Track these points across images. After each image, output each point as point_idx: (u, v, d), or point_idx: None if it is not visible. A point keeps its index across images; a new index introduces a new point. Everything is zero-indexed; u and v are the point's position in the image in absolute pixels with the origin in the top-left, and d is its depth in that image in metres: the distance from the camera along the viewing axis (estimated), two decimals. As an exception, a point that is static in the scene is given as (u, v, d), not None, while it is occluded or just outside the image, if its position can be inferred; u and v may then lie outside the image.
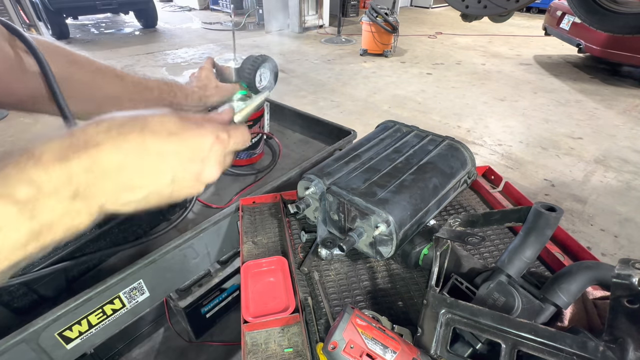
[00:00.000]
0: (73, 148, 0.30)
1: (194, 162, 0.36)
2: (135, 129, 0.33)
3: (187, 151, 0.36)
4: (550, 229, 0.57)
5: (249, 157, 1.18)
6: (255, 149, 1.17)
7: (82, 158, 0.30)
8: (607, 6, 1.63)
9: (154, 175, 0.34)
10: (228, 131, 0.40)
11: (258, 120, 1.11)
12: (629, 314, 0.42)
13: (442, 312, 0.55)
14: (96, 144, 0.31)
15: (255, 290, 0.72)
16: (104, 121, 0.33)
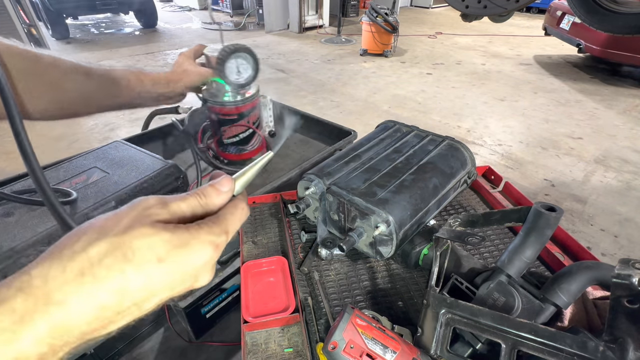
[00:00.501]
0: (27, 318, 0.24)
1: (185, 283, 0.31)
2: (115, 268, 0.27)
3: (179, 276, 0.30)
4: (550, 229, 0.57)
5: (238, 152, 1.11)
6: (245, 145, 1.11)
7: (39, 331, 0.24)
8: (607, 6, 1.63)
9: (135, 309, 0.29)
10: (226, 228, 0.33)
11: (245, 115, 1.04)
12: (629, 314, 0.42)
13: (442, 312, 0.55)
14: (60, 302, 0.25)
15: (255, 290, 0.72)
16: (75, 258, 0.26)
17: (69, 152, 1.06)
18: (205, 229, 0.32)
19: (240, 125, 1.06)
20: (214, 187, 0.35)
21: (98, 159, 0.98)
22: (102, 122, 3.43)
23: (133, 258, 0.28)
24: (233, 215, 0.34)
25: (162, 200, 0.32)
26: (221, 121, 1.03)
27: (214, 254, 0.32)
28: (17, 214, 0.78)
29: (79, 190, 0.85)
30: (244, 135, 1.08)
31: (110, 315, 0.28)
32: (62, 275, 0.25)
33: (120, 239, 0.28)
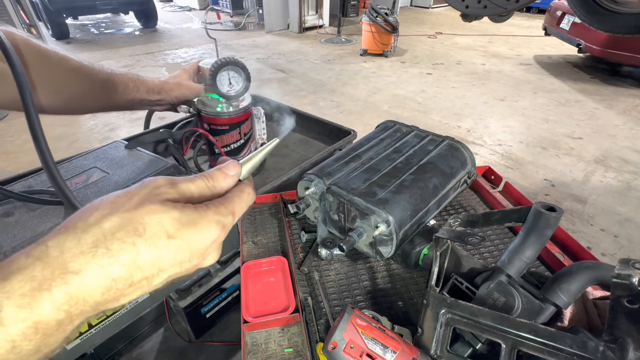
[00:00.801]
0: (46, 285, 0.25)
1: (193, 260, 0.32)
2: (127, 241, 0.28)
3: (187, 253, 0.31)
4: (550, 229, 0.57)
5: None
6: (236, 156, 1.11)
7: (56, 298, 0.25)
8: (607, 6, 1.63)
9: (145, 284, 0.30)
10: (233, 210, 0.34)
11: (237, 126, 1.06)
12: (629, 314, 0.42)
13: (442, 312, 0.55)
14: (76, 272, 0.26)
15: (255, 290, 0.72)
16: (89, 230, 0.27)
17: (69, 152, 1.07)
18: (212, 209, 0.33)
19: (234, 135, 1.08)
20: (221, 170, 0.36)
21: (98, 159, 0.97)
22: (102, 122, 3.43)
23: (144, 233, 0.29)
24: (240, 198, 0.36)
25: (172, 180, 0.33)
26: (213, 131, 1.05)
27: (221, 234, 0.33)
28: (17, 213, 0.77)
29: (79, 190, 0.85)
30: (235, 146, 1.10)
31: (122, 288, 0.28)
32: (77, 246, 0.27)
33: (131, 214, 0.29)
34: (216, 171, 0.36)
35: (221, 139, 1.06)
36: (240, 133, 1.08)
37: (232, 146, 1.09)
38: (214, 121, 1.03)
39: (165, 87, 0.91)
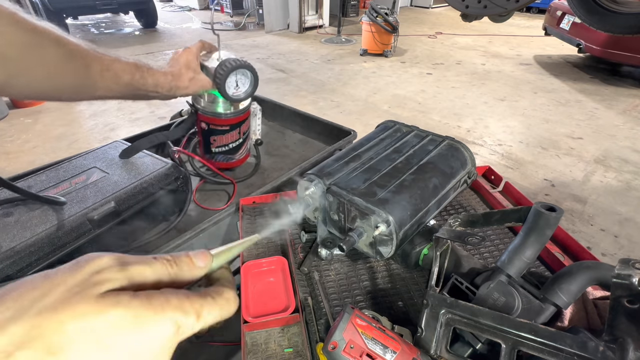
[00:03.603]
0: None
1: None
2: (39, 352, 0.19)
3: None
4: (550, 229, 0.57)
5: (226, 161, 1.10)
6: (233, 154, 1.10)
7: None
8: (607, 6, 1.63)
9: None
10: (199, 310, 0.26)
11: (237, 126, 1.04)
12: (629, 314, 0.42)
13: (442, 312, 0.55)
14: None
15: (255, 290, 0.72)
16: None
17: (69, 152, 1.07)
18: (173, 302, 0.24)
19: (233, 135, 1.05)
20: (189, 257, 0.29)
21: (98, 159, 0.97)
22: (102, 122, 3.43)
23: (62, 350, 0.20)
24: (214, 300, 0.27)
25: (120, 260, 0.25)
26: (212, 131, 1.02)
27: (173, 338, 0.24)
28: (17, 213, 0.77)
29: (78, 190, 0.85)
30: (233, 145, 1.07)
31: None
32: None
33: (45, 320, 0.20)
34: (183, 257, 0.29)
35: (220, 139, 1.04)
36: (240, 132, 1.06)
37: (231, 145, 1.07)
38: (214, 121, 1.00)
39: (179, 84, 0.80)
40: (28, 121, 3.41)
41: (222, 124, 1.01)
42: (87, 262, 0.23)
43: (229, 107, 1.00)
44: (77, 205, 0.80)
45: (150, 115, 3.56)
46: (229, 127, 1.03)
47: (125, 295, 0.22)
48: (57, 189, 0.85)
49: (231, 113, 1.00)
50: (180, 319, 0.24)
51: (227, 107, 0.99)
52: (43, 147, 2.94)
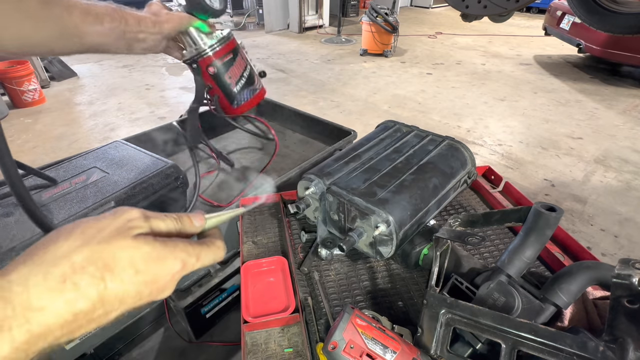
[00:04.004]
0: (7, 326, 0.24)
1: (152, 295, 0.32)
2: (96, 276, 0.28)
3: (149, 289, 0.32)
4: (550, 229, 0.57)
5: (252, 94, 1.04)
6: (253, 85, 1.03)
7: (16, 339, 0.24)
8: (607, 6, 1.63)
9: (103, 318, 0.29)
10: (199, 253, 0.35)
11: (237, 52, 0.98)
12: (629, 314, 0.42)
13: (442, 312, 0.55)
14: (41, 308, 0.25)
15: (255, 290, 0.72)
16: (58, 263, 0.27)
17: (69, 152, 1.06)
18: (180, 246, 0.34)
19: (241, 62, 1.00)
20: (189, 218, 0.38)
21: (98, 159, 0.97)
22: (102, 122, 3.43)
23: (114, 268, 0.29)
24: (208, 247, 0.37)
25: (145, 214, 0.34)
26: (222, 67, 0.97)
27: (181, 271, 0.34)
28: (17, 213, 0.78)
29: (78, 190, 0.85)
30: (247, 74, 1.02)
31: (82, 322, 0.28)
32: (43, 282, 0.26)
33: (103, 247, 0.29)
34: (185, 217, 0.38)
35: (233, 72, 0.99)
36: (243, 59, 1.01)
37: (245, 75, 1.01)
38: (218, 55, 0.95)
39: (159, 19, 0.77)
40: (28, 121, 3.41)
41: (225, 54, 0.96)
42: (123, 212, 0.32)
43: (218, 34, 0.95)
44: (77, 205, 0.80)
45: (150, 115, 3.56)
46: (232, 54, 0.98)
47: (150, 238, 0.32)
48: (57, 189, 0.85)
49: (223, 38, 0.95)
50: (185, 258, 0.34)
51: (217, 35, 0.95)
52: (43, 147, 2.94)
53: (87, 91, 4.14)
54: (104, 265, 0.28)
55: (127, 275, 0.29)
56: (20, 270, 0.26)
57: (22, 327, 0.24)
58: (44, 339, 0.26)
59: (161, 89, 4.19)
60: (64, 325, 0.27)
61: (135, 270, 0.30)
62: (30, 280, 0.25)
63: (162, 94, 4.05)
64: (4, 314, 0.24)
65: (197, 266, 0.36)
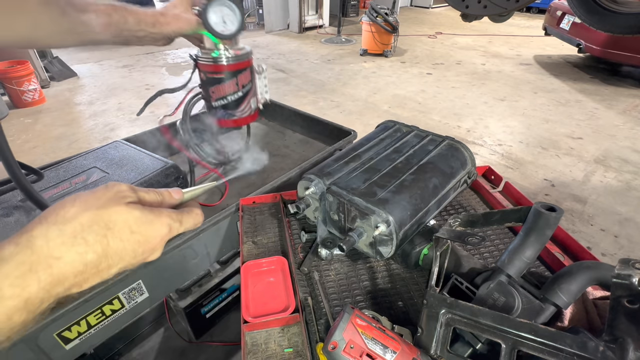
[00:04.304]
0: (34, 268, 0.30)
1: (145, 254, 0.39)
2: (100, 233, 0.34)
3: (142, 248, 0.38)
4: (550, 229, 0.57)
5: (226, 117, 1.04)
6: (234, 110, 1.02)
7: (42, 279, 0.30)
8: (607, 6, 1.63)
9: (106, 271, 0.35)
10: (181, 218, 0.42)
11: (234, 75, 0.98)
12: (629, 314, 0.42)
13: (442, 312, 0.55)
14: (59, 257, 0.31)
15: (255, 290, 0.72)
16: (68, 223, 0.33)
17: (69, 152, 1.06)
18: (165, 213, 0.40)
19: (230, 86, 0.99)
20: (169, 192, 0.45)
21: (98, 159, 0.97)
22: (102, 122, 3.43)
23: (114, 227, 0.35)
24: (188, 214, 0.44)
25: (131, 187, 0.40)
26: (209, 80, 0.98)
27: (168, 234, 0.40)
28: (17, 214, 0.77)
29: (78, 190, 0.85)
30: (232, 98, 1.00)
31: (90, 273, 0.34)
32: (59, 236, 0.32)
33: (103, 212, 0.35)
34: (164, 191, 0.44)
35: (217, 90, 0.99)
36: (238, 84, 1.00)
37: (230, 98, 1.00)
38: (209, 68, 0.96)
39: (160, 19, 0.79)
40: (28, 121, 3.41)
41: (217, 71, 0.96)
42: (114, 185, 0.38)
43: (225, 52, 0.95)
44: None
45: (150, 115, 3.56)
46: (224, 75, 0.97)
47: (139, 205, 0.39)
48: (57, 189, 0.85)
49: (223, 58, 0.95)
50: (170, 222, 0.40)
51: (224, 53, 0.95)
52: (43, 147, 2.94)
53: (87, 91, 4.14)
54: (105, 225, 0.35)
55: (124, 234, 0.36)
56: (39, 228, 0.32)
57: (46, 271, 0.31)
58: (62, 284, 0.32)
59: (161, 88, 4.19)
60: (77, 275, 0.33)
61: (130, 230, 0.36)
62: (49, 235, 0.31)
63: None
64: (31, 259, 0.30)
65: (180, 230, 0.42)
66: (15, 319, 0.29)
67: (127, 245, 0.36)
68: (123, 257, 0.36)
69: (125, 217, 0.36)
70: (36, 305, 0.31)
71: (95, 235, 0.34)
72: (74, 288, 0.34)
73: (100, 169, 0.94)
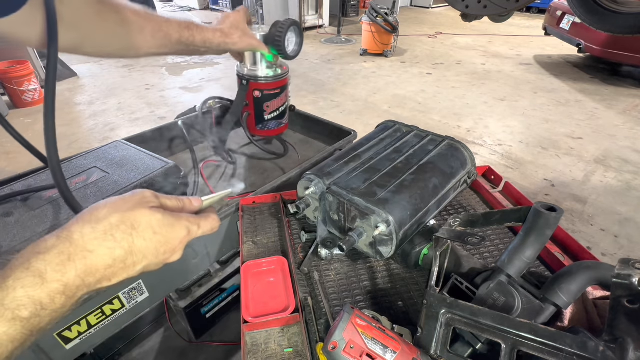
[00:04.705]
0: (72, 258, 0.35)
1: (166, 254, 0.43)
2: (127, 232, 0.38)
3: (164, 248, 0.42)
4: (550, 229, 0.57)
5: (277, 126, 1.17)
6: (282, 119, 1.15)
7: (78, 268, 0.35)
8: (607, 6, 1.63)
9: (132, 267, 0.40)
10: (199, 223, 0.46)
11: (285, 88, 1.09)
12: (629, 314, 0.42)
13: (442, 312, 0.55)
14: (92, 251, 0.36)
15: (255, 290, 0.72)
16: (100, 223, 0.38)
17: (69, 152, 1.07)
18: (185, 217, 0.45)
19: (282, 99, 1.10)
20: (190, 200, 0.49)
21: (98, 159, 0.98)
22: (102, 122, 3.43)
23: (138, 227, 0.40)
24: (205, 219, 0.48)
25: (155, 194, 0.45)
26: (265, 97, 1.07)
27: (187, 236, 0.44)
28: (17, 213, 0.78)
29: (78, 189, 0.85)
30: (282, 109, 1.12)
31: (118, 267, 0.38)
32: (92, 233, 0.37)
33: (129, 214, 0.39)
34: (186, 199, 0.49)
35: (272, 104, 1.09)
36: (286, 96, 1.12)
37: (281, 109, 1.12)
38: (268, 86, 1.05)
39: (225, 39, 0.85)
40: (28, 121, 3.41)
41: (274, 88, 1.06)
42: (139, 192, 0.43)
43: (277, 70, 1.05)
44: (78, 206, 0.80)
45: (150, 115, 3.56)
46: (280, 90, 1.08)
47: (161, 209, 0.43)
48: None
49: (280, 74, 1.05)
50: (189, 226, 0.44)
51: (276, 70, 1.05)
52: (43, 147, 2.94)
53: (87, 91, 4.14)
54: (131, 225, 0.39)
55: (147, 234, 0.40)
56: (76, 226, 0.37)
57: (82, 261, 0.35)
58: (94, 275, 0.36)
59: (161, 89, 4.19)
60: (107, 268, 0.37)
61: (153, 231, 0.40)
62: (84, 231, 0.37)
63: (162, 94, 4.05)
64: (69, 250, 0.35)
65: (199, 233, 0.46)
66: (57, 302, 0.34)
67: (150, 244, 0.40)
68: (146, 256, 0.40)
69: (148, 219, 0.40)
70: (73, 292, 0.35)
71: (122, 233, 0.38)
72: (104, 281, 0.38)
73: (101, 169, 0.94)
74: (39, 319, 0.33)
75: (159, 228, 0.41)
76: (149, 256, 0.40)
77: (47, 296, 0.33)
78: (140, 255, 0.39)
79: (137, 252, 0.39)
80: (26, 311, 0.31)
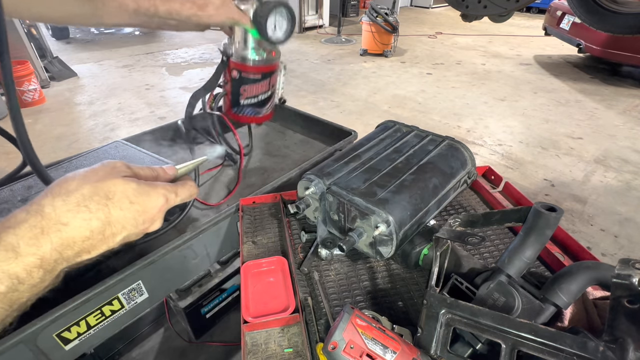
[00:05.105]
0: (45, 231, 0.34)
1: (145, 223, 0.42)
2: (102, 202, 0.37)
3: (142, 217, 0.41)
4: (550, 229, 0.57)
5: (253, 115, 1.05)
6: (261, 108, 1.04)
7: (53, 241, 0.34)
8: (607, 6, 1.63)
9: (111, 238, 0.39)
10: (176, 190, 0.45)
11: (268, 76, 0.98)
12: (629, 314, 0.42)
13: (442, 312, 0.55)
14: (66, 223, 0.35)
15: (255, 291, 0.72)
16: (71, 195, 0.36)
17: (69, 152, 1.06)
18: (161, 185, 0.44)
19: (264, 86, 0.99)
20: (163, 168, 0.48)
21: (98, 159, 0.97)
22: (102, 122, 3.43)
23: (113, 197, 0.38)
24: (183, 186, 0.47)
25: (126, 164, 0.43)
26: (243, 79, 0.97)
27: (165, 204, 0.43)
28: (17, 214, 0.77)
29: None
30: (263, 97, 1.02)
31: (96, 239, 0.37)
32: (64, 205, 0.35)
33: (102, 184, 0.38)
34: (159, 168, 0.48)
35: (250, 89, 0.99)
36: (270, 84, 1.01)
37: (260, 97, 1.01)
38: (247, 69, 0.95)
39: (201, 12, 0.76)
40: (28, 121, 3.41)
41: (254, 72, 0.96)
42: (109, 162, 0.41)
43: (262, 53, 0.94)
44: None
45: (150, 115, 3.56)
46: (261, 76, 0.97)
47: (135, 178, 0.41)
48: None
49: (264, 60, 0.95)
50: (166, 193, 0.43)
51: (261, 53, 0.94)
52: (43, 147, 2.94)
53: (87, 91, 4.14)
54: (105, 195, 0.38)
55: (123, 204, 0.39)
56: (45, 199, 0.35)
57: (56, 234, 0.34)
58: (71, 248, 0.35)
59: (161, 89, 4.19)
60: (84, 240, 0.36)
61: (129, 200, 0.39)
62: (55, 204, 0.35)
63: (162, 94, 4.06)
64: (41, 224, 0.34)
65: (177, 201, 0.45)
66: (35, 275, 0.33)
67: (128, 214, 0.39)
68: (125, 226, 0.39)
69: (122, 188, 0.39)
70: (51, 265, 0.34)
71: (97, 204, 0.37)
72: (84, 254, 0.37)
73: (100, 169, 0.93)
74: (18, 294, 0.32)
75: (135, 197, 0.39)
76: (128, 226, 0.39)
77: (23, 270, 0.32)
78: (118, 225, 0.38)
79: (115, 223, 0.38)
80: (2, 285, 0.31)
